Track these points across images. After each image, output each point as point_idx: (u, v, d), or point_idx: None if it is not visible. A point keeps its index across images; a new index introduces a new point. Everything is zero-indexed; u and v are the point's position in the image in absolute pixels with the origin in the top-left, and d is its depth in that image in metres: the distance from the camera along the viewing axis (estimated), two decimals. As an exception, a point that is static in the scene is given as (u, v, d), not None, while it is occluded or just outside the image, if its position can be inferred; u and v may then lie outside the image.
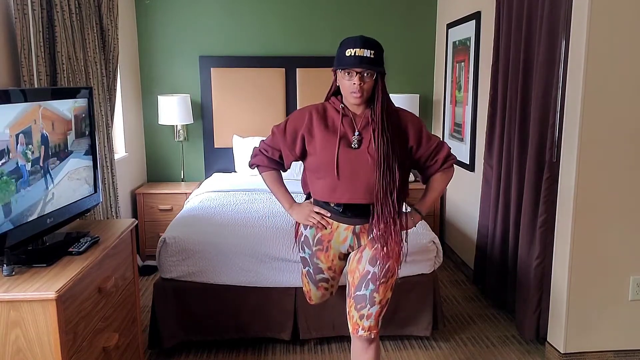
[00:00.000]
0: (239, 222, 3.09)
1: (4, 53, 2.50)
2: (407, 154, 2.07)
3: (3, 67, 2.49)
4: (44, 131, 1.98)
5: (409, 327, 2.96)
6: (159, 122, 4.48)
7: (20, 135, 1.84)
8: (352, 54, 1.91)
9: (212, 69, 4.56)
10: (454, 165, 2.20)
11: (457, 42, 4.22)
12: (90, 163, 2.34)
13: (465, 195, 4.09)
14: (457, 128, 4.24)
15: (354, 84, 1.93)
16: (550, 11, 2.69)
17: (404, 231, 2.11)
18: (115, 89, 3.52)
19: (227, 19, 4.58)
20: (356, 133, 2.01)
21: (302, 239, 2.24)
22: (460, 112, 4.18)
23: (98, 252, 2.03)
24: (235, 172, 4.59)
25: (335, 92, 2.09)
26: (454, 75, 4.29)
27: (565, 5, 2.59)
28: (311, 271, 2.28)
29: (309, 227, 2.19)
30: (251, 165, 2.27)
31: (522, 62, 2.98)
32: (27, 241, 1.92)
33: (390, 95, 2.07)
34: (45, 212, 1.99)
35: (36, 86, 2.58)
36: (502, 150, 3.25)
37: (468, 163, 3.98)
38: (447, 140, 4.43)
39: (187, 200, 4.00)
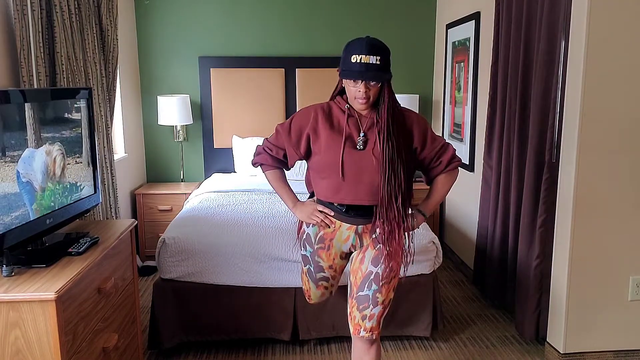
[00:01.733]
0: (239, 223, 3.09)
1: (3, 54, 2.49)
2: (411, 156, 2.07)
3: (2, 68, 2.49)
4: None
5: (408, 327, 2.95)
6: (159, 123, 4.47)
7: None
8: (358, 61, 1.88)
9: (211, 69, 4.56)
10: (459, 168, 2.21)
11: (456, 43, 4.22)
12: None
13: (464, 195, 4.09)
14: (457, 128, 4.24)
15: (360, 91, 1.92)
16: (549, 11, 2.69)
17: (409, 232, 2.12)
18: (114, 90, 3.52)
19: (227, 20, 4.58)
20: (361, 134, 2.00)
21: (304, 237, 2.24)
22: (459, 113, 4.18)
23: (97, 253, 2.03)
24: (235, 172, 4.59)
25: (341, 91, 2.08)
26: (454, 75, 4.29)
27: (564, 5, 2.59)
28: (312, 269, 2.27)
29: (311, 225, 2.19)
30: (254, 164, 2.25)
31: (522, 63, 2.98)
32: (27, 242, 1.92)
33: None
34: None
35: (35, 87, 2.57)
36: (502, 150, 3.25)
37: (468, 163, 3.99)
38: (447, 140, 4.42)
39: (187, 200, 4.00)
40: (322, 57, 4.57)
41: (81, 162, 2.26)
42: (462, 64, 4.12)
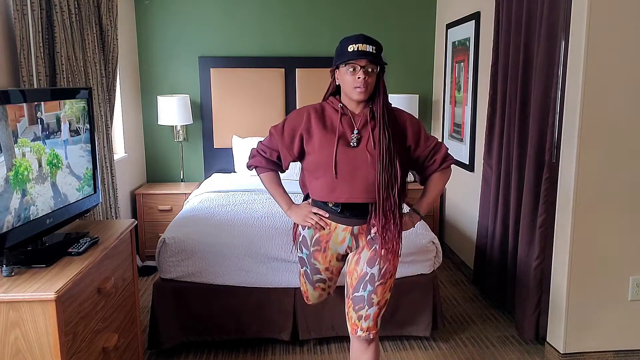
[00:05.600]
0: (239, 223, 3.09)
1: (3, 54, 2.49)
2: (405, 153, 2.07)
3: (2, 68, 2.48)
4: None
5: (408, 327, 2.96)
6: (159, 123, 4.47)
7: None
8: (355, 49, 1.93)
9: (211, 69, 4.56)
10: (452, 167, 2.21)
11: (456, 43, 4.22)
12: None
13: (464, 195, 4.09)
14: (457, 128, 4.24)
15: (359, 77, 1.93)
16: (549, 11, 2.70)
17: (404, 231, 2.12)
18: (114, 90, 3.52)
19: (227, 20, 4.58)
20: (355, 131, 2.01)
21: (300, 239, 2.24)
22: (459, 113, 4.18)
23: (97, 253, 2.03)
24: (235, 172, 4.60)
25: (333, 93, 2.10)
26: (454, 75, 4.29)
27: (564, 5, 2.60)
28: (308, 271, 2.27)
29: (307, 228, 2.19)
30: (249, 167, 2.26)
31: (522, 63, 2.99)
32: (27, 242, 1.92)
33: (389, 95, 2.08)
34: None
35: (35, 87, 2.57)
36: (502, 150, 3.25)
37: (467, 163, 3.99)
38: (447, 140, 4.43)
39: (187, 200, 4.00)
40: (322, 57, 4.58)
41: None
42: (462, 64, 4.12)
